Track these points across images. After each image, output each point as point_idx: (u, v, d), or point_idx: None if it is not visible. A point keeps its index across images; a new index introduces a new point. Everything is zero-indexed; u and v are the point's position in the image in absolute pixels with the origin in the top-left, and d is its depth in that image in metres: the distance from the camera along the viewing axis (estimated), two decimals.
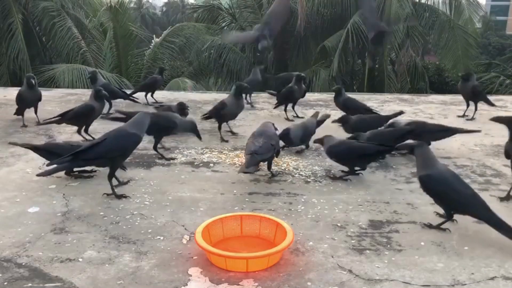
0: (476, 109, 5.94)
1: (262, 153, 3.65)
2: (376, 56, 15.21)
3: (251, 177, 3.86)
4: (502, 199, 3.44)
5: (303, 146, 4.59)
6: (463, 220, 3.10)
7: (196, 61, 15.93)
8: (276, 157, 3.99)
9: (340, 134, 4.47)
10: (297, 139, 4.42)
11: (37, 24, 14.72)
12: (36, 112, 5.44)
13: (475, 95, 5.91)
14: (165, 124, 4.18)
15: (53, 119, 4.72)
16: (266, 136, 3.81)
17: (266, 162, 3.87)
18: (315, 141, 4.23)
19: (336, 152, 3.88)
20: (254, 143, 3.70)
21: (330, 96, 7.25)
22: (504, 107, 6.86)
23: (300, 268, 2.50)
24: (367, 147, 3.90)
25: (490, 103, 6.05)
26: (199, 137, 4.30)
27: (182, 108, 4.81)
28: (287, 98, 5.88)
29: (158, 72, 6.91)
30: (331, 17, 15.54)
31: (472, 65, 16.88)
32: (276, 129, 4.13)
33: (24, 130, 5.14)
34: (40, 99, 5.49)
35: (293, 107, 5.99)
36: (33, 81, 5.39)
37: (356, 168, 3.91)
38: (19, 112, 5.45)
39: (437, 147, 4.53)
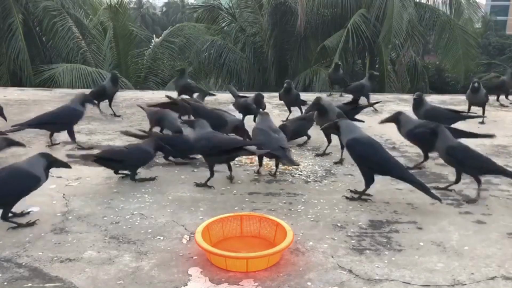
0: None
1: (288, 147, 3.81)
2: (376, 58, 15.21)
3: (251, 177, 3.87)
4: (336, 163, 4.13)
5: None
6: (463, 220, 3.11)
7: (196, 61, 15.91)
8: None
9: None
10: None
11: (37, 24, 14.69)
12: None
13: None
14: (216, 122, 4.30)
15: None
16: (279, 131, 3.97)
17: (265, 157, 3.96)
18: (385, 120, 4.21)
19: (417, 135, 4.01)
20: (279, 139, 3.79)
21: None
22: (504, 107, 6.86)
23: (300, 268, 2.50)
24: None
25: None
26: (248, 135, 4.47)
27: (258, 100, 4.93)
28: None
29: (180, 74, 6.73)
30: (331, 17, 15.52)
31: (472, 65, 16.87)
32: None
33: (24, 130, 5.09)
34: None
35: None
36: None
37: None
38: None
39: None
